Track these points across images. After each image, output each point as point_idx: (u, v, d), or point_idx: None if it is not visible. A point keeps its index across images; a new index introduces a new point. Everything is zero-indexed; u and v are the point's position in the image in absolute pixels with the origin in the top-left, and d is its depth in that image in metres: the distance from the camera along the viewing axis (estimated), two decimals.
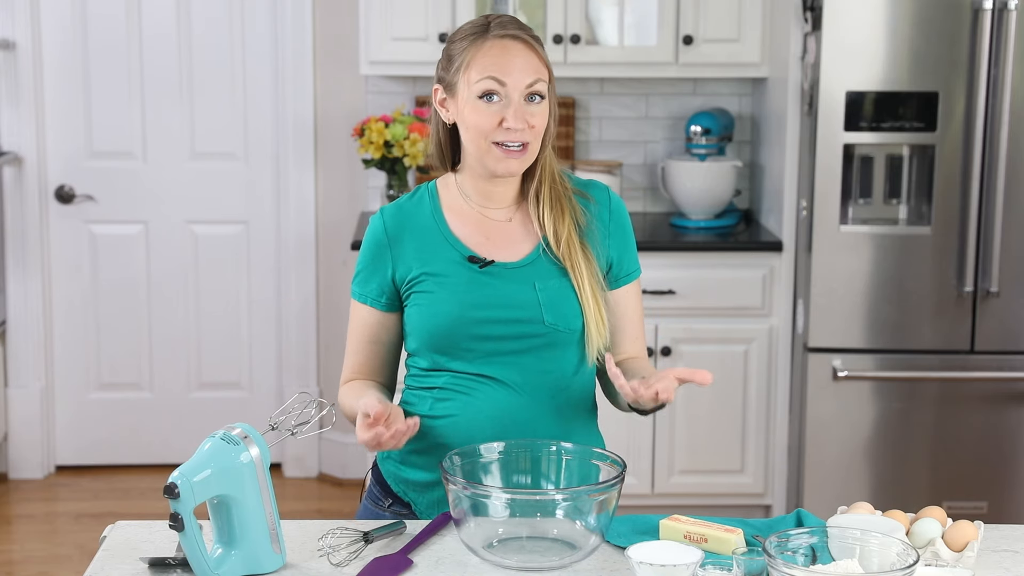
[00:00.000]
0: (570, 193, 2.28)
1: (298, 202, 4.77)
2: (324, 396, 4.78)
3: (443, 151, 2.29)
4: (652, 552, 1.84)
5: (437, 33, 4.31)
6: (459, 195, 2.28)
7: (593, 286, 2.23)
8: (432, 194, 2.29)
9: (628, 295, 2.32)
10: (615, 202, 2.32)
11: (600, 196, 2.31)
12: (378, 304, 2.26)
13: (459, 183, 2.28)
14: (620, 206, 2.33)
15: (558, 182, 2.27)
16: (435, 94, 2.25)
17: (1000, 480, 4.07)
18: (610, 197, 2.32)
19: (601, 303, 2.24)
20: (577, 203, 2.28)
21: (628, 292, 2.32)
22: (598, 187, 2.33)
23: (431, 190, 2.30)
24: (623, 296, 2.31)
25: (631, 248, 2.33)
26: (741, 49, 4.37)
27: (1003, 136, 3.88)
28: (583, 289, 2.22)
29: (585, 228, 2.27)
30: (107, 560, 1.99)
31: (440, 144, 2.28)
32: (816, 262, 4.01)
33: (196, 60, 4.73)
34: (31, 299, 4.77)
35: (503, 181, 2.24)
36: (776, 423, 4.29)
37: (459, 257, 2.23)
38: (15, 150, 4.69)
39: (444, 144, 2.28)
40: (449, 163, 2.30)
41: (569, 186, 2.29)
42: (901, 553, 1.80)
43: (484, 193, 2.26)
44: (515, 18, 2.25)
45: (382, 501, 2.31)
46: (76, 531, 4.40)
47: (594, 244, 2.26)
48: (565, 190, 2.28)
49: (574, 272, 2.22)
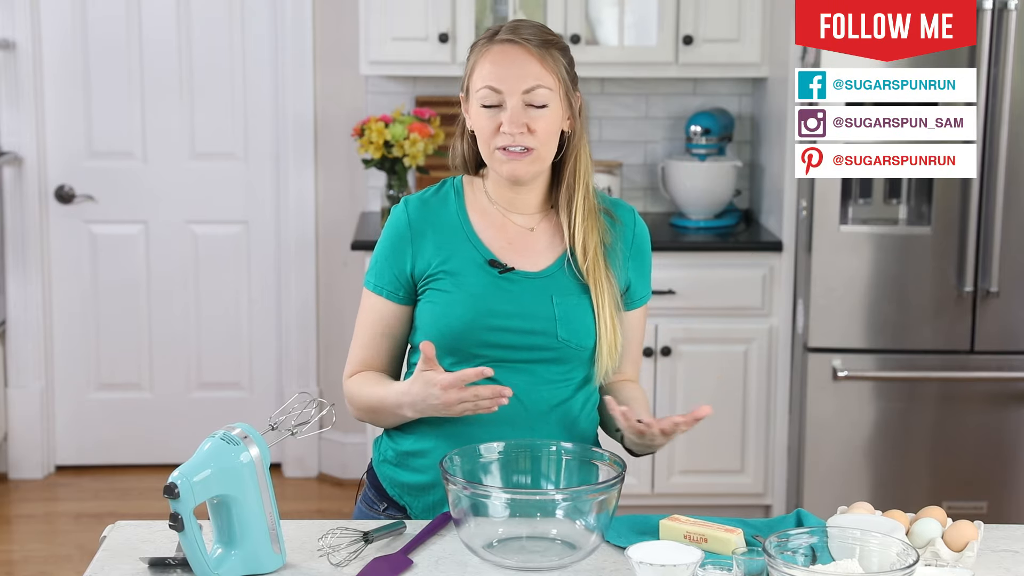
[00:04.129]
0: (599, 210, 2.27)
1: (298, 202, 4.77)
2: (324, 396, 4.78)
3: (466, 158, 2.28)
4: (652, 552, 1.84)
5: (437, 33, 4.31)
6: (485, 196, 2.27)
7: (612, 308, 2.22)
8: (458, 191, 2.27)
9: (635, 319, 2.32)
10: (640, 226, 2.31)
11: (626, 218, 2.30)
12: (394, 297, 2.24)
13: (485, 186, 2.27)
14: (644, 231, 2.32)
15: (592, 195, 2.26)
16: (462, 101, 2.25)
17: (1000, 480, 4.07)
18: (635, 220, 2.31)
19: (617, 325, 2.23)
20: (603, 221, 2.26)
21: (636, 316, 2.32)
22: (625, 208, 2.32)
23: (457, 187, 2.28)
24: (630, 319, 2.30)
25: (646, 274, 2.32)
26: (741, 49, 4.37)
27: (1003, 136, 3.88)
28: (603, 309, 2.21)
29: (609, 248, 2.25)
30: (107, 560, 1.99)
31: (464, 150, 2.28)
32: (816, 262, 4.01)
33: (196, 60, 4.73)
34: (31, 299, 4.77)
35: (524, 188, 2.23)
36: (776, 423, 4.29)
37: (480, 259, 2.22)
38: (15, 150, 4.69)
39: (468, 151, 2.27)
40: (473, 168, 2.29)
41: (597, 203, 2.28)
42: (901, 553, 1.80)
43: (507, 199, 2.25)
44: (534, 24, 2.22)
45: (377, 505, 2.30)
46: (76, 531, 4.40)
47: (616, 265, 2.25)
48: (595, 206, 2.26)
49: (596, 290, 2.21)
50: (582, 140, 2.24)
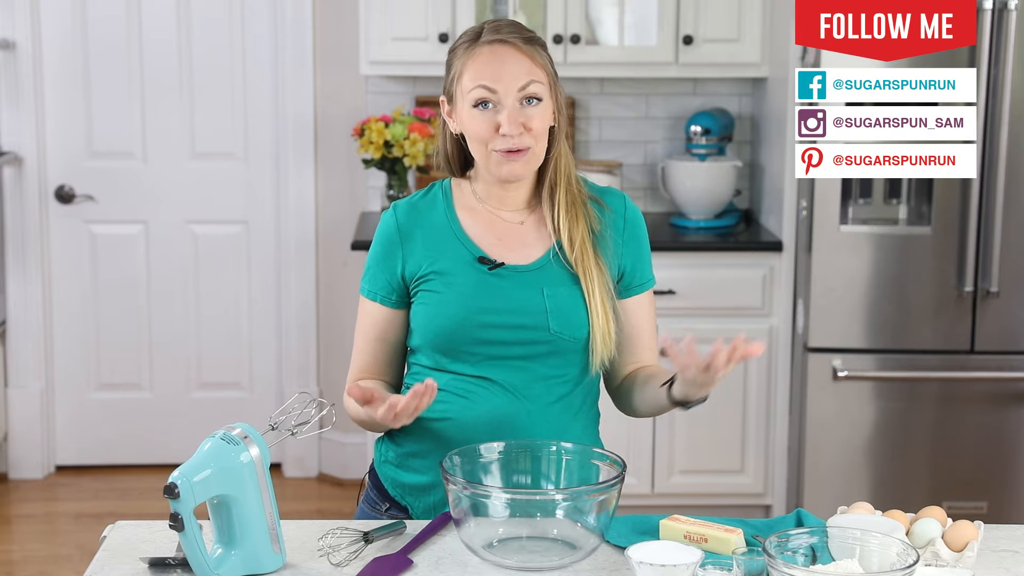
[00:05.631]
0: (585, 198, 2.27)
1: (298, 202, 4.77)
2: (324, 396, 4.78)
3: (451, 161, 2.28)
4: (652, 552, 1.84)
5: (437, 33, 4.31)
6: (472, 196, 2.27)
7: (603, 295, 2.21)
8: (446, 192, 2.28)
9: (642, 305, 2.30)
10: (631, 211, 2.30)
11: (616, 204, 2.29)
12: (387, 301, 2.25)
13: (472, 186, 2.27)
14: (636, 215, 2.31)
15: (574, 186, 2.26)
16: (442, 106, 2.25)
17: (1000, 480, 4.07)
18: (626, 205, 2.30)
19: (610, 313, 2.22)
20: (592, 209, 2.26)
21: (642, 302, 2.30)
22: (614, 194, 2.31)
23: (445, 188, 2.29)
24: (636, 306, 2.29)
25: (645, 258, 2.31)
26: (741, 49, 4.37)
27: (1003, 136, 3.88)
28: (593, 297, 2.20)
29: (599, 235, 2.25)
30: (107, 560, 1.99)
31: (448, 154, 2.28)
32: (816, 262, 4.01)
33: (196, 60, 4.73)
34: (31, 299, 4.77)
35: (515, 184, 2.23)
36: (776, 423, 4.29)
37: (469, 257, 2.22)
38: (15, 150, 4.69)
39: (452, 154, 2.27)
40: (459, 171, 2.29)
41: (585, 192, 2.28)
42: (901, 553, 1.80)
43: (497, 196, 2.25)
44: (513, 22, 2.24)
45: (379, 505, 2.30)
46: (76, 531, 4.40)
47: (607, 253, 2.25)
48: (581, 195, 2.26)
49: (585, 279, 2.21)
50: (562, 133, 2.25)
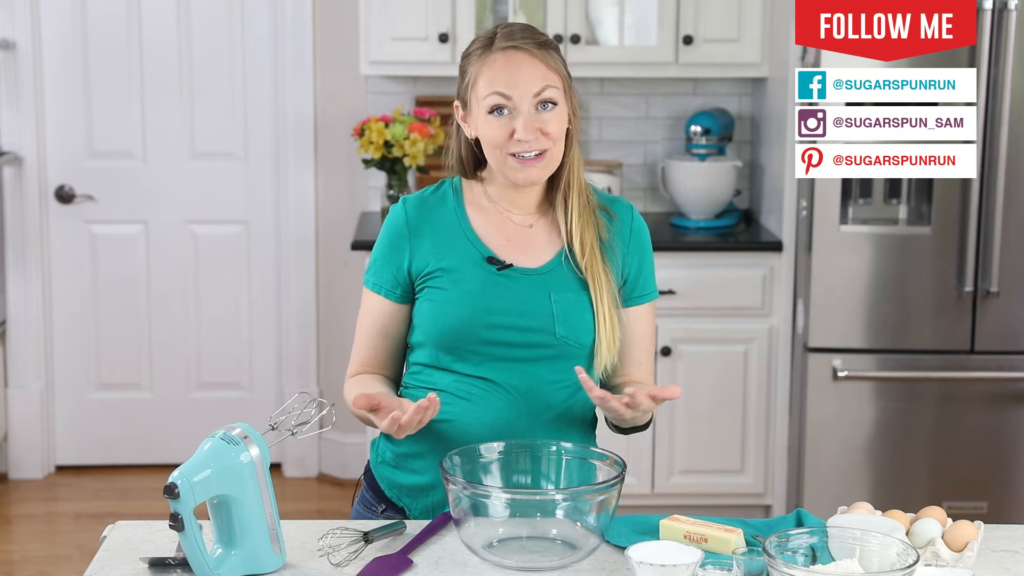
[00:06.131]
0: (595, 206, 2.27)
1: (298, 202, 4.77)
2: (324, 396, 4.78)
3: (464, 164, 2.28)
4: (652, 552, 1.84)
5: (437, 33, 4.31)
6: (483, 196, 2.27)
7: (610, 303, 2.21)
8: (456, 190, 2.28)
9: (640, 316, 2.29)
10: (637, 222, 2.30)
11: (624, 214, 2.30)
12: (392, 295, 2.25)
13: (484, 187, 2.27)
14: (642, 226, 2.31)
15: (585, 193, 2.26)
16: (456, 111, 2.25)
17: (1000, 480, 4.07)
18: (633, 216, 2.30)
19: (616, 321, 2.22)
20: (601, 217, 2.27)
21: (640, 313, 2.29)
22: (622, 205, 2.31)
23: (455, 186, 2.29)
24: (634, 316, 2.28)
25: (649, 270, 2.31)
26: (741, 49, 4.37)
27: (1003, 136, 3.88)
28: (601, 303, 2.20)
29: (606, 244, 2.25)
30: (107, 560, 1.99)
31: (462, 158, 2.28)
32: (816, 262, 4.01)
33: (196, 60, 4.73)
34: (31, 299, 4.77)
35: (528, 188, 2.23)
36: (776, 423, 4.29)
37: (478, 256, 2.22)
38: (15, 150, 4.69)
39: (467, 157, 2.27)
40: (471, 171, 2.29)
41: (595, 200, 2.28)
42: (901, 553, 1.80)
43: (508, 198, 2.25)
44: (526, 26, 2.23)
45: (375, 506, 2.30)
46: (76, 531, 4.40)
47: (613, 261, 2.25)
48: (591, 203, 2.27)
49: (594, 285, 2.21)
50: (577, 136, 2.25)
